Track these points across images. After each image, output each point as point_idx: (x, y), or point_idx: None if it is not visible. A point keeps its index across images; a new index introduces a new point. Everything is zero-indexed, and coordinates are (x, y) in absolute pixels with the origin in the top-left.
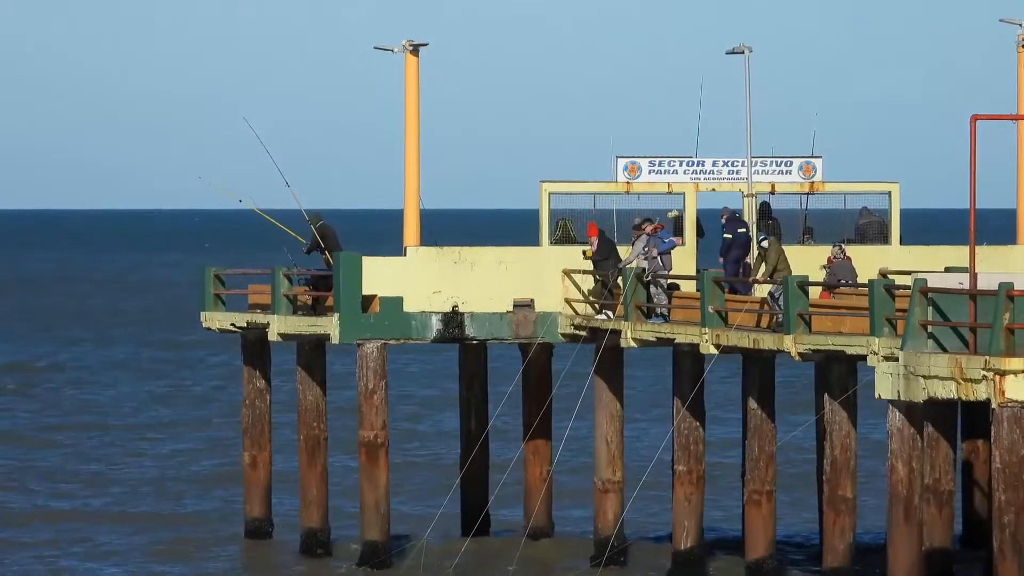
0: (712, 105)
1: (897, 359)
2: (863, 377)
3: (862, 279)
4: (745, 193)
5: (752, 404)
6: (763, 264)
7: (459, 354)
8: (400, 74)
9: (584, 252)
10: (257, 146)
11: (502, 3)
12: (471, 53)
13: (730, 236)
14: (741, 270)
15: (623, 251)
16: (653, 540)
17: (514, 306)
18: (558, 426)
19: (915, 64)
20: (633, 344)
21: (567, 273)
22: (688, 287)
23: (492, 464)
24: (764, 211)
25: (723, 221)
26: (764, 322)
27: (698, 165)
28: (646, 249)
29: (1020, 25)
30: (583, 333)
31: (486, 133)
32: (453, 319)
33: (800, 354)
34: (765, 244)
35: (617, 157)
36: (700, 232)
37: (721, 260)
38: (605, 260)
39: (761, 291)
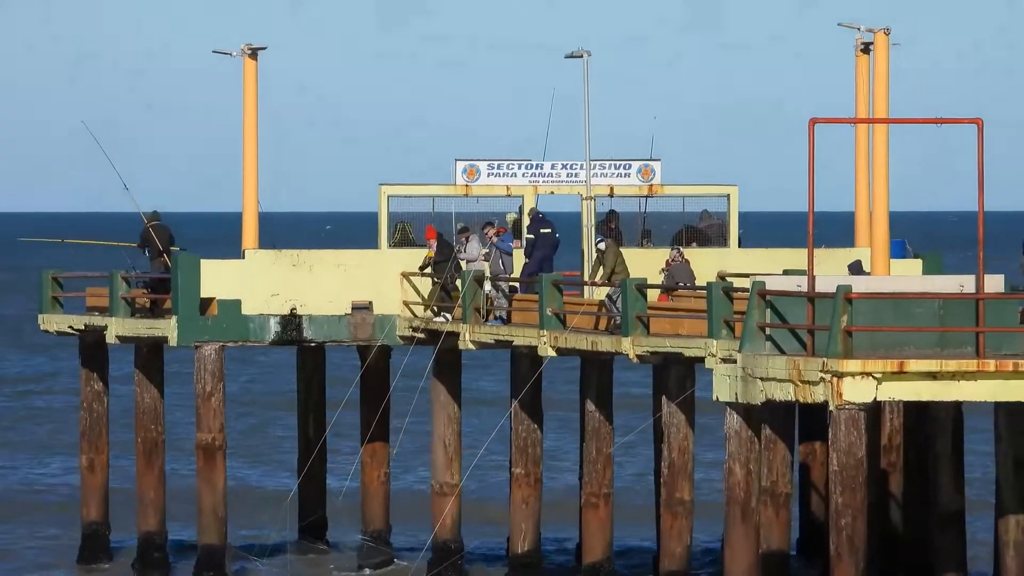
0: (552, 108)
1: (735, 361)
2: (701, 379)
3: (700, 281)
4: (584, 196)
5: (590, 406)
6: (600, 266)
7: (297, 356)
8: (239, 78)
9: (423, 268)
10: (97, 150)
11: (341, 5)
12: (310, 56)
13: (532, 236)
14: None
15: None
16: (493, 543)
17: (352, 308)
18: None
19: (755, 67)
20: (471, 346)
21: (405, 276)
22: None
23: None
24: (611, 218)
25: (528, 221)
26: (603, 324)
27: (537, 168)
28: (486, 251)
29: (859, 29)
30: (421, 335)
31: (325, 136)
32: (291, 321)
33: (638, 356)
34: (602, 246)
35: (456, 160)
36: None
37: (526, 261)
38: (444, 263)
39: (599, 293)
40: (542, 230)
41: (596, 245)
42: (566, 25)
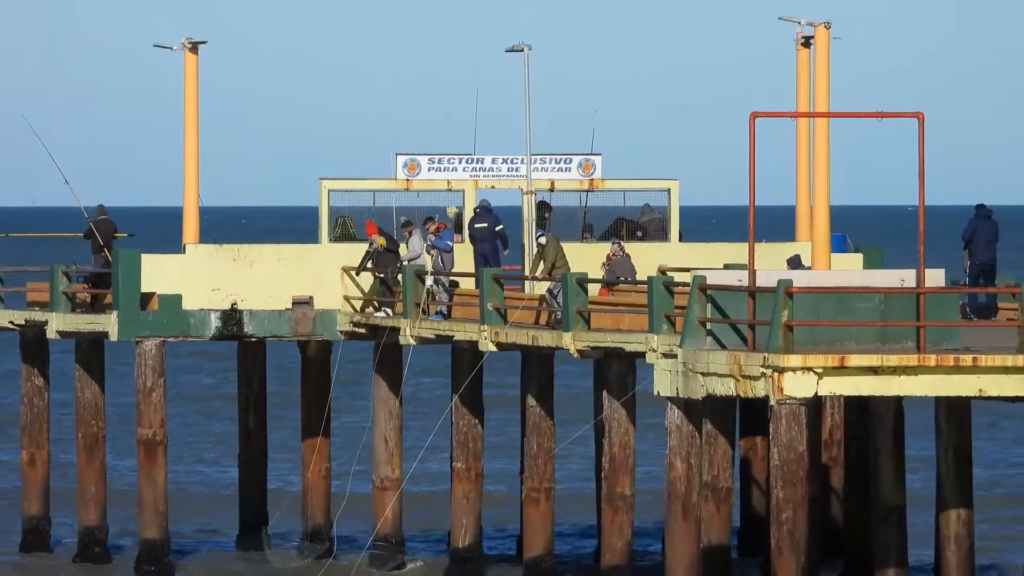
0: (492, 102)
1: (676, 356)
2: (643, 374)
3: (641, 276)
4: (524, 190)
5: (531, 401)
6: (541, 261)
7: (238, 352)
8: (180, 71)
9: (363, 265)
10: (38, 144)
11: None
12: (251, 50)
13: (470, 232)
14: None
15: (402, 249)
16: (436, 538)
17: (293, 303)
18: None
19: (696, 61)
20: (412, 341)
21: (346, 270)
22: (468, 284)
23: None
24: (543, 208)
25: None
26: (544, 319)
27: (477, 162)
28: (427, 246)
29: (799, 23)
30: (362, 330)
31: (267, 131)
32: (232, 316)
33: (579, 351)
34: (543, 240)
35: (397, 154)
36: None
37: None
38: (385, 257)
39: (540, 288)
40: (475, 224)
41: (537, 239)
42: (508, 18)
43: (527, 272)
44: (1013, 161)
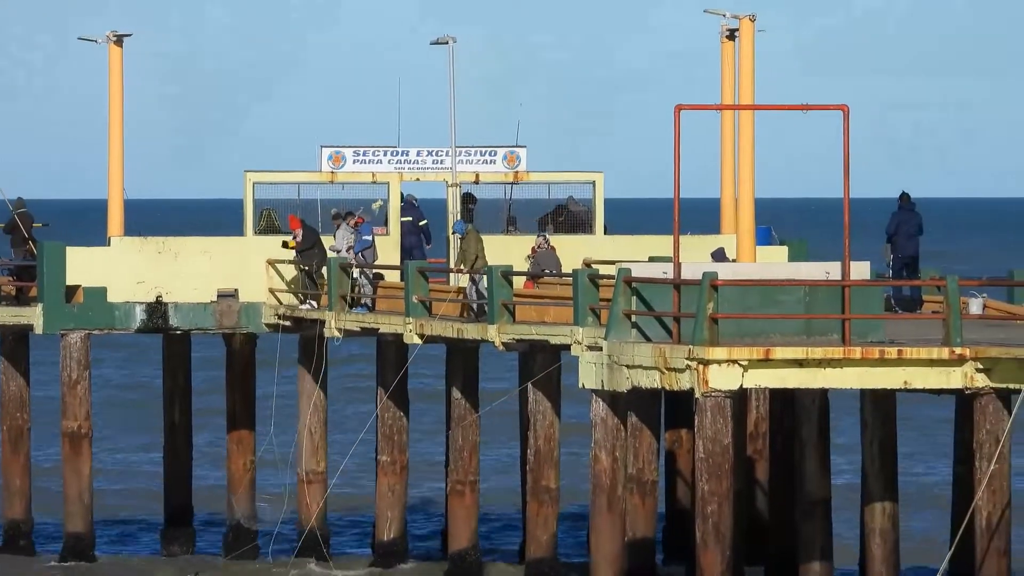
0: (417, 95)
1: (601, 349)
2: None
3: (566, 269)
4: (449, 183)
5: (456, 394)
6: (462, 253)
7: (163, 344)
8: (105, 64)
9: (286, 243)
10: None
11: None
12: (175, 43)
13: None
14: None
15: (328, 241)
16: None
17: (218, 296)
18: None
19: (622, 53)
20: (337, 334)
21: (271, 263)
22: (393, 277)
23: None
24: (467, 200)
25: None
26: (461, 310)
27: (402, 155)
28: (349, 241)
29: (724, 15)
30: (287, 323)
31: (191, 123)
32: (157, 309)
33: (504, 344)
34: (458, 233)
35: (322, 147)
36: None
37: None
38: (309, 250)
39: (465, 280)
40: (401, 219)
41: (455, 232)
42: (433, 11)
43: (452, 265)
44: (938, 153)
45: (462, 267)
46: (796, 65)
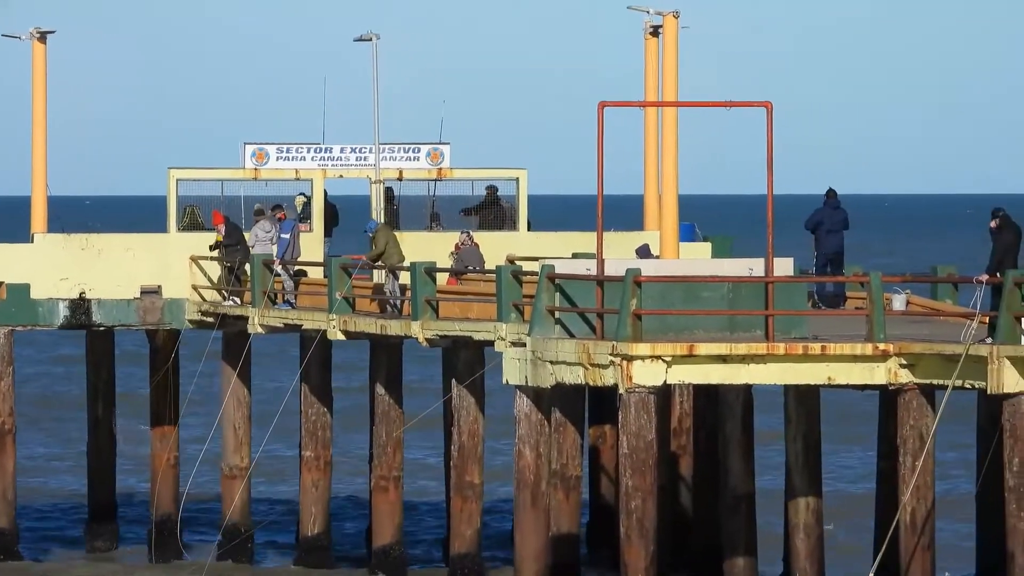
0: (341, 92)
1: (525, 345)
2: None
3: (490, 265)
4: (373, 180)
5: (380, 390)
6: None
7: (86, 340)
8: (28, 61)
9: (211, 245)
10: None
11: None
12: (98, 40)
13: None
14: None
15: (248, 237)
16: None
17: (141, 293)
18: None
19: (545, 50)
20: (260, 330)
21: (194, 260)
22: (316, 273)
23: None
24: (388, 196)
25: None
26: (374, 306)
27: (326, 152)
28: (270, 234)
29: (648, 12)
30: (211, 320)
31: (115, 120)
32: (80, 305)
33: (427, 340)
34: (372, 229)
35: (245, 143)
36: (335, 220)
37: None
38: (233, 247)
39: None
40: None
41: (366, 231)
42: (356, 7)
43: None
44: (862, 150)
45: (368, 260)
46: (721, 62)
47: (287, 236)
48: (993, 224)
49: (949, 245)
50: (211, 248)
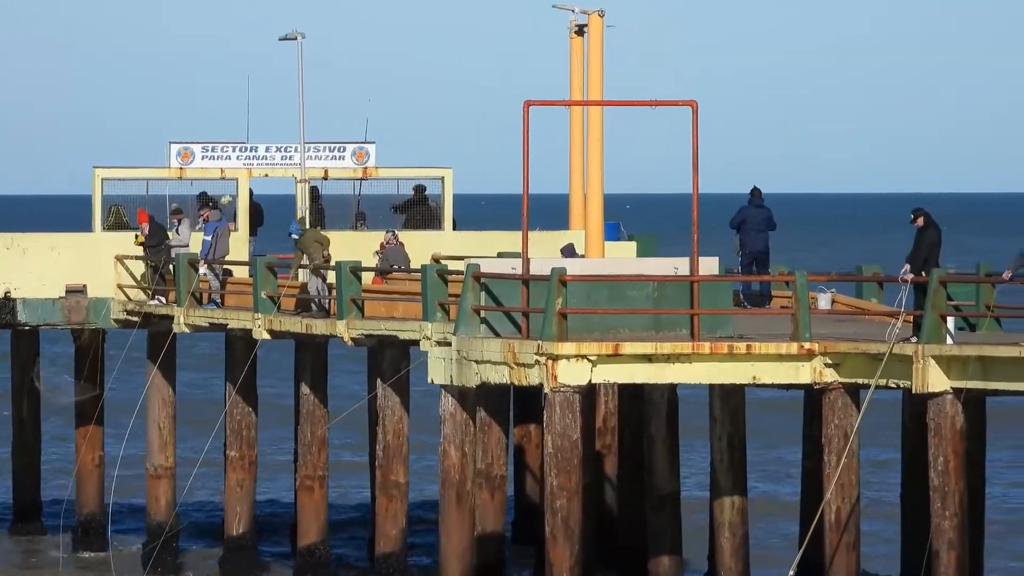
0: (266, 91)
1: (450, 344)
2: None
3: (415, 264)
4: (298, 179)
5: (304, 389)
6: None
7: (11, 340)
8: None
9: (136, 237)
10: None
11: None
12: (24, 39)
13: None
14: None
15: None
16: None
17: (66, 292)
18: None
19: (471, 49)
20: (186, 329)
21: (120, 259)
22: (241, 272)
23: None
24: (314, 196)
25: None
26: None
27: (251, 151)
28: (182, 236)
29: (573, 11)
30: (136, 319)
31: (40, 119)
32: (5, 305)
33: (353, 339)
34: (296, 232)
35: (171, 143)
36: (260, 219)
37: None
38: (157, 246)
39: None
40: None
41: (290, 233)
42: (282, 6)
43: (291, 271)
44: (789, 148)
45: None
46: (647, 61)
47: (209, 238)
48: (919, 223)
49: (872, 244)
50: (136, 243)
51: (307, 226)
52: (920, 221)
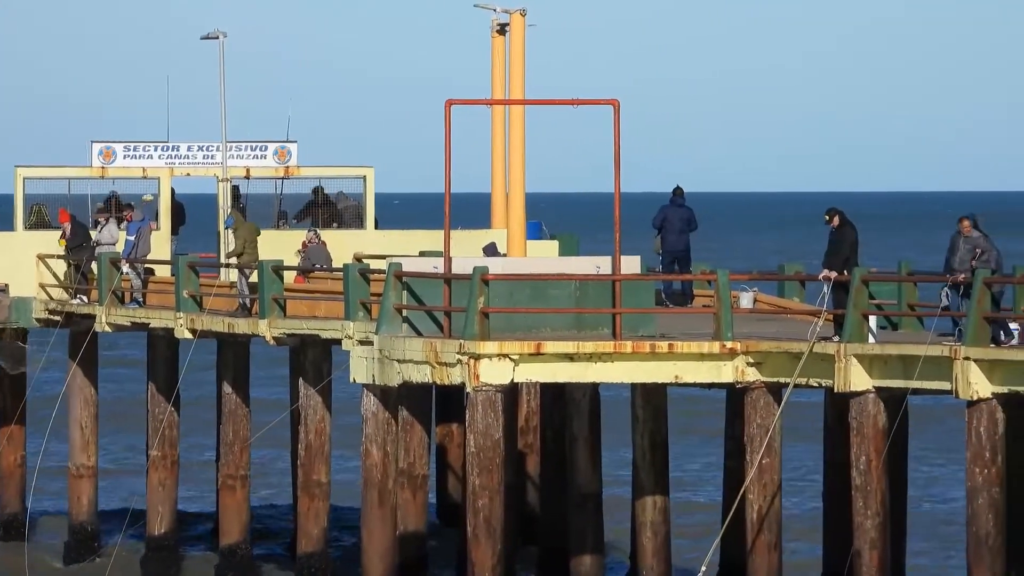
0: (188, 90)
1: (372, 343)
2: (340, 361)
3: (337, 263)
4: (220, 178)
5: (226, 389)
6: (233, 244)
7: None
8: None
9: (60, 241)
10: None
11: None
12: None
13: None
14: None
15: (93, 235)
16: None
17: None
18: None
19: (393, 48)
20: (108, 329)
21: (41, 258)
22: (164, 271)
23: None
24: (235, 195)
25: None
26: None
27: (173, 150)
28: (114, 237)
29: (495, 10)
30: (58, 318)
31: None
32: None
33: (275, 339)
34: (229, 226)
35: (92, 142)
36: (182, 218)
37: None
38: (79, 246)
39: (234, 275)
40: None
41: (226, 227)
42: (204, 5)
43: (223, 259)
44: (711, 148)
45: (229, 256)
46: (570, 60)
47: (132, 238)
48: (835, 222)
49: (788, 241)
50: (60, 244)
51: (244, 219)
52: (835, 221)
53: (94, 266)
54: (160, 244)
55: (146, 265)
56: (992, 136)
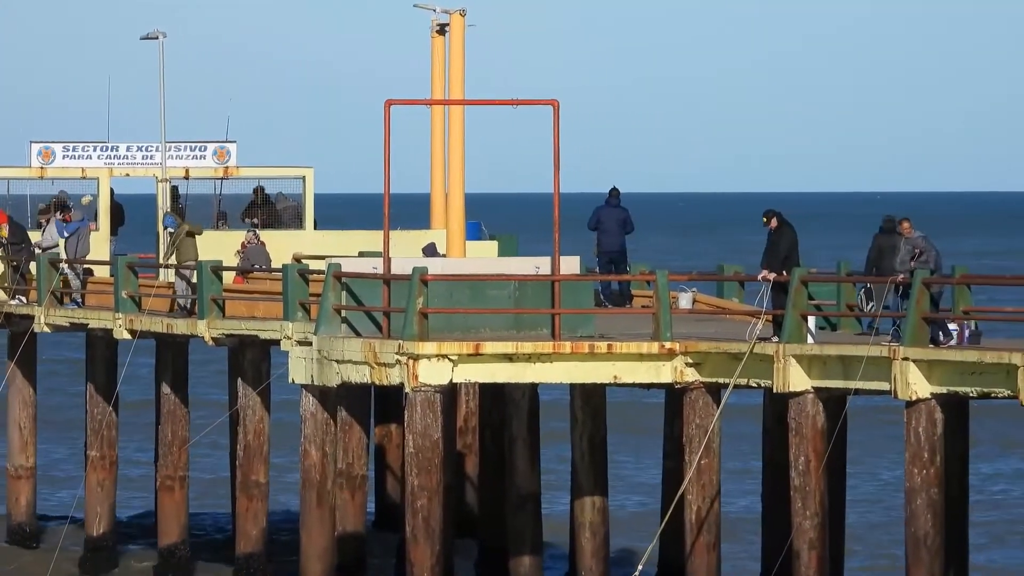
0: (128, 90)
1: (311, 344)
2: (280, 361)
3: (276, 264)
4: (159, 178)
5: (166, 389)
6: (172, 247)
7: None
8: None
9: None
10: None
11: None
12: None
13: None
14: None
15: (35, 236)
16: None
17: None
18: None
19: (333, 47)
20: (47, 329)
21: None
22: (102, 272)
23: None
24: (174, 195)
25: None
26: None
27: (112, 150)
28: (63, 234)
29: (434, 11)
30: None
31: None
32: None
33: (214, 339)
34: (170, 227)
35: (31, 142)
36: (121, 219)
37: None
38: (17, 245)
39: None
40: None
41: (165, 227)
42: (143, 4)
43: (162, 260)
44: (648, 148)
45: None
46: (509, 60)
47: (66, 235)
48: (773, 224)
49: (727, 243)
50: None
51: (183, 219)
52: (773, 222)
53: (32, 267)
54: (99, 244)
55: (85, 266)
56: (923, 138)
